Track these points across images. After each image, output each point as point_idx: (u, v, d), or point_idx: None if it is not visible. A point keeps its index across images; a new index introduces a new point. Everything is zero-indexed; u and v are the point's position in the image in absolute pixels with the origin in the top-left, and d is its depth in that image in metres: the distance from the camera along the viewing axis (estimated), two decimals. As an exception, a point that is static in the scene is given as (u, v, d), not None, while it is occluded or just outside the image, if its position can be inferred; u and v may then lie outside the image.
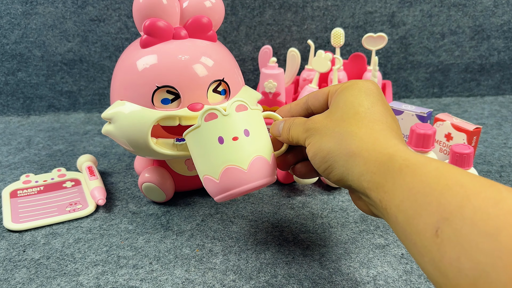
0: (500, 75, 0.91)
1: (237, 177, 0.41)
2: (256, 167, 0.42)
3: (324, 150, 0.35)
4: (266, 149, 0.43)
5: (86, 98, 0.87)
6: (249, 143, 0.42)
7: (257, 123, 0.43)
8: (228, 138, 0.41)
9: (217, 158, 0.42)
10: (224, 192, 0.42)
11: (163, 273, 0.45)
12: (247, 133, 0.42)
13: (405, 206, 0.27)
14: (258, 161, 0.42)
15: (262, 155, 0.42)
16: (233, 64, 0.53)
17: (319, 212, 0.55)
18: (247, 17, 0.84)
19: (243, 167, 0.41)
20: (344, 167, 0.33)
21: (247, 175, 0.41)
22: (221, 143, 0.41)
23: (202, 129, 0.42)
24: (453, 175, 0.26)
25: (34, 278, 0.45)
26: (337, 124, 0.35)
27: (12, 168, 0.67)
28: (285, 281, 0.44)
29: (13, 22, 0.80)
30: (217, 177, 0.42)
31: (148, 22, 0.48)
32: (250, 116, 0.43)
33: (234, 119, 0.42)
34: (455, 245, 0.23)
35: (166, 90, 0.48)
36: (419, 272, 0.45)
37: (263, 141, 0.43)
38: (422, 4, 0.84)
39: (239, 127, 0.42)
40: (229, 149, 0.41)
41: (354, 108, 0.35)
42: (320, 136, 0.36)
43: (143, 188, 0.55)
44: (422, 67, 0.90)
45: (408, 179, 0.28)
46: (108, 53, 0.84)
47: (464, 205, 0.24)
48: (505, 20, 0.86)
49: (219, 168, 0.41)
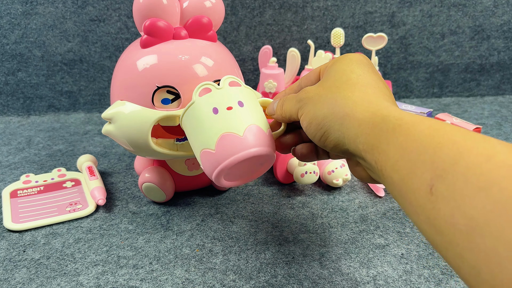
0: (500, 75, 0.91)
1: (234, 143, 0.40)
2: (252, 133, 0.40)
3: (319, 116, 0.35)
4: (261, 121, 0.42)
5: (86, 98, 0.87)
6: (243, 112, 0.41)
7: (251, 98, 0.43)
8: (222, 108, 0.41)
9: (212, 128, 0.41)
10: (222, 162, 0.40)
11: (163, 273, 0.45)
12: (241, 104, 0.42)
13: (400, 165, 0.28)
14: (254, 129, 0.41)
15: (257, 124, 0.41)
16: (233, 64, 0.53)
17: (319, 212, 0.55)
18: (247, 17, 0.84)
19: (239, 133, 0.40)
20: (340, 131, 0.33)
21: (243, 140, 0.40)
22: (216, 113, 0.41)
23: (197, 104, 0.42)
24: (446, 133, 0.26)
25: (34, 278, 0.45)
26: (330, 90, 0.35)
27: (12, 168, 0.67)
28: (285, 281, 0.44)
29: (13, 22, 0.80)
30: (213, 147, 0.40)
31: (148, 22, 0.48)
32: (243, 92, 0.43)
33: (227, 91, 0.42)
34: (449, 202, 0.23)
35: (166, 90, 0.48)
36: (419, 272, 0.45)
37: (258, 113, 0.42)
38: (422, 4, 0.84)
39: (233, 98, 0.42)
40: (224, 118, 0.41)
41: (346, 75, 0.35)
42: (313, 104, 0.36)
43: (143, 188, 0.55)
44: (422, 67, 0.90)
45: (402, 139, 0.28)
46: (108, 53, 0.84)
47: (457, 161, 0.24)
48: (505, 20, 0.86)
49: (214, 138, 0.40)
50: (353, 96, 0.33)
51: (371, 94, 0.33)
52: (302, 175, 0.56)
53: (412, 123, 0.28)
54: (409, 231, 0.51)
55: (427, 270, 0.45)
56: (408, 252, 0.47)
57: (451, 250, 0.23)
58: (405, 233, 0.51)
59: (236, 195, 0.59)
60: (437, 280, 0.44)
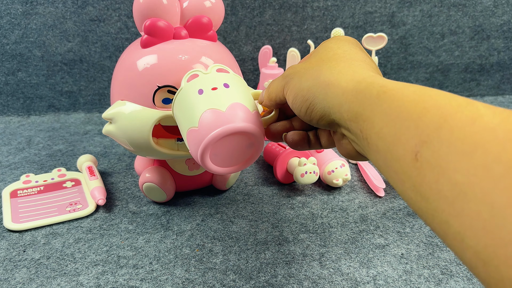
0: (500, 75, 0.91)
1: (216, 118, 0.39)
2: (235, 110, 0.39)
3: (304, 89, 0.34)
4: (247, 101, 0.41)
5: (86, 98, 0.87)
6: (228, 92, 0.41)
7: (238, 82, 0.43)
8: (207, 89, 0.41)
9: (196, 107, 0.40)
10: (205, 137, 0.39)
11: (163, 273, 0.45)
12: (226, 86, 0.42)
13: (384, 133, 0.27)
14: (238, 106, 0.40)
15: (242, 103, 0.40)
16: (233, 64, 0.53)
17: (319, 212, 0.55)
18: (247, 17, 0.84)
19: (221, 109, 0.39)
20: (325, 101, 0.33)
21: (225, 115, 0.39)
22: (201, 94, 0.41)
23: (184, 89, 0.43)
24: (430, 98, 0.26)
25: (34, 278, 0.45)
26: (316, 64, 0.35)
27: (12, 168, 0.67)
28: (285, 281, 0.44)
29: (13, 22, 0.80)
30: (196, 125, 0.40)
31: (148, 22, 0.48)
32: (231, 77, 0.43)
33: (214, 75, 0.43)
34: (434, 167, 0.23)
35: (167, 90, 0.48)
36: (419, 272, 0.45)
37: (245, 94, 0.42)
38: (422, 4, 0.84)
39: (219, 81, 0.42)
40: (208, 97, 0.41)
41: (333, 50, 0.36)
42: (298, 77, 0.36)
43: (144, 188, 0.55)
44: (422, 67, 0.90)
45: (386, 105, 0.28)
46: (108, 53, 0.84)
47: (441, 126, 0.24)
48: (505, 20, 0.86)
49: (198, 115, 0.40)
50: (338, 66, 0.33)
51: (356, 66, 0.33)
52: (302, 175, 0.56)
53: (397, 89, 0.28)
54: (409, 231, 0.51)
55: (427, 270, 0.45)
56: (408, 252, 0.47)
57: (436, 217, 0.23)
58: (405, 233, 0.51)
59: (236, 195, 0.59)
60: (437, 280, 0.44)
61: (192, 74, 0.43)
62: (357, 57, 0.35)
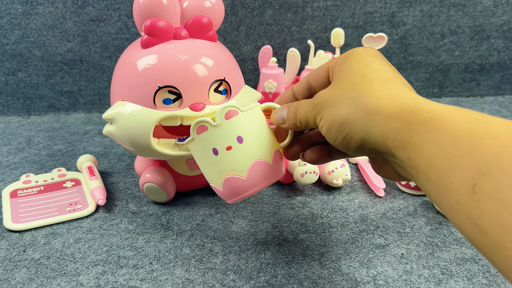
0: (500, 75, 0.91)
1: (238, 185, 0.41)
2: (255, 172, 0.41)
3: (339, 118, 0.32)
4: (265, 150, 0.41)
5: (86, 98, 0.87)
6: (244, 149, 0.40)
7: (252, 125, 0.41)
8: (221, 148, 0.40)
9: (215, 169, 0.41)
10: (230, 198, 0.42)
11: (163, 273, 0.45)
12: (240, 140, 0.40)
13: (436, 162, 0.26)
14: (257, 166, 0.41)
15: (261, 159, 0.41)
16: (234, 64, 0.54)
17: (319, 212, 0.55)
18: (247, 17, 0.84)
19: (242, 175, 0.41)
20: (364, 131, 0.31)
21: (247, 182, 0.41)
22: (216, 154, 0.41)
23: (196, 142, 0.42)
24: (485, 125, 0.24)
25: (34, 278, 0.45)
26: (346, 90, 0.33)
27: (12, 168, 0.67)
28: (285, 281, 0.44)
29: (13, 22, 0.80)
30: (220, 186, 0.42)
31: (148, 23, 0.48)
32: (243, 120, 0.41)
33: (224, 129, 0.40)
34: (495, 201, 0.22)
35: (167, 90, 0.48)
36: (419, 272, 0.45)
37: (261, 142, 0.41)
38: (422, 4, 0.84)
39: (231, 136, 0.40)
40: (224, 160, 0.41)
41: (360, 71, 0.33)
42: (330, 107, 0.33)
43: (145, 188, 0.55)
44: (422, 67, 0.90)
45: (435, 133, 0.26)
46: (108, 53, 0.84)
47: (501, 157, 0.23)
48: (505, 20, 0.86)
49: (219, 178, 0.42)
50: (373, 91, 0.31)
51: (391, 88, 0.31)
52: (302, 175, 0.56)
53: (447, 116, 0.27)
54: (409, 231, 0.51)
55: (427, 270, 0.45)
56: (408, 252, 0.48)
57: (498, 253, 0.22)
58: (405, 233, 0.51)
59: (236, 195, 0.59)
60: (437, 280, 0.44)
61: (200, 126, 0.41)
62: (388, 75, 0.33)
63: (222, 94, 0.51)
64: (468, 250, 0.48)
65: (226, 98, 0.51)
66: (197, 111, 0.48)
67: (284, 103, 0.42)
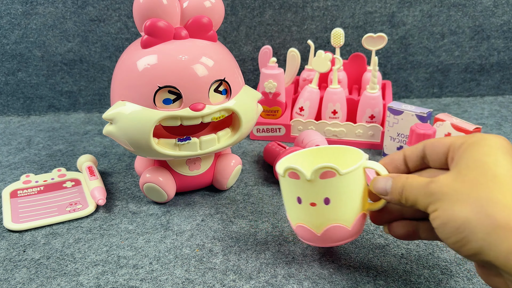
0: (500, 75, 0.91)
1: (310, 236, 0.42)
2: (330, 233, 0.41)
3: (458, 219, 0.29)
4: (349, 215, 0.40)
5: (86, 98, 0.87)
6: (327, 211, 0.40)
7: (345, 190, 0.39)
8: (305, 201, 0.40)
9: (294, 212, 0.43)
10: (300, 239, 0.44)
11: (163, 273, 0.45)
12: (327, 201, 0.39)
13: None
14: (334, 229, 0.41)
15: (341, 224, 0.40)
16: (234, 64, 0.54)
17: (319, 212, 0.55)
18: (247, 17, 0.84)
19: (316, 231, 0.41)
20: (485, 241, 0.28)
21: (319, 238, 0.42)
22: (299, 203, 0.41)
23: (284, 182, 0.42)
24: None
25: (34, 278, 0.45)
26: (472, 188, 0.30)
27: (12, 168, 0.67)
28: (285, 281, 0.44)
29: (13, 22, 0.80)
30: (293, 225, 0.44)
31: (149, 23, 0.48)
32: (337, 183, 0.39)
33: (315, 186, 0.39)
34: None
35: (168, 90, 0.48)
36: (419, 272, 0.45)
37: (348, 207, 0.40)
38: (422, 4, 0.84)
39: (319, 195, 0.39)
40: (304, 211, 0.41)
41: (491, 169, 0.30)
42: (450, 202, 0.31)
43: (145, 188, 0.55)
44: (422, 67, 0.90)
45: None
46: (108, 53, 0.84)
47: None
48: (505, 20, 0.86)
49: (294, 221, 0.43)
50: (504, 199, 0.28)
51: None
52: (302, 175, 0.56)
53: None
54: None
55: (427, 270, 0.45)
56: (408, 252, 0.48)
57: None
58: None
59: (236, 195, 0.59)
60: (437, 280, 0.44)
61: (292, 172, 0.40)
62: None
63: (222, 94, 0.51)
64: (468, 250, 0.48)
65: (226, 98, 0.51)
66: (197, 111, 0.48)
67: (393, 167, 0.39)
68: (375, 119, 0.71)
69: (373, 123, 0.71)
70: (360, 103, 0.71)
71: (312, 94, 0.72)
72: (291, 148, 0.59)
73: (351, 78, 0.80)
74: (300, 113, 0.73)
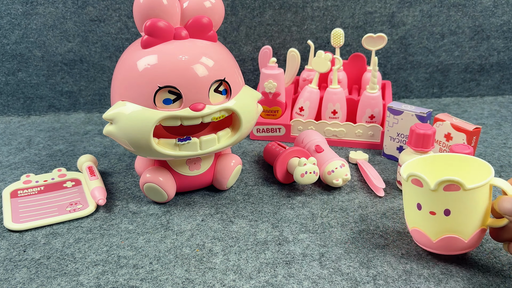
0: (500, 75, 0.91)
1: (424, 241, 0.44)
2: (445, 243, 0.42)
3: None
4: (468, 230, 0.41)
5: (86, 98, 0.87)
6: (446, 222, 0.41)
7: (468, 204, 0.40)
8: (426, 209, 0.42)
9: (412, 216, 0.44)
10: (419, 244, 0.46)
11: (163, 273, 0.45)
12: (447, 213, 0.40)
13: None
14: (450, 240, 0.42)
15: (458, 236, 0.42)
16: (234, 64, 0.54)
17: (319, 212, 0.55)
18: (247, 18, 0.84)
19: (432, 238, 0.43)
20: None
21: (433, 245, 0.43)
22: (419, 209, 0.42)
23: (406, 187, 0.43)
24: None
25: (34, 278, 0.45)
26: None
27: (12, 168, 0.67)
28: (285, 281, 0.44)
29: (14, 22, 0.80)
30: (410, 229, 0.46)
31: (149, 23, 0.48)
32: (461, 197, 0.39)
33: (437, 197, 0.40)
34: None
35: (168, 91, 0.48)
36: (418, 272, 0.45)
37: (467, 221, 0.41)
38: (422, 4, 0.84)
39: (440, 206, 0.40)
40: (423, 218, 0.42)
41: None
42: None
43: (145, 188, 0.55)
44: (421, 67, 0.90)
45: None
46: (109, 53, 0.84)
47: None
48: (504, 20, 0.86)
49: (411, 224, 0.45)
50: None
51: None
52: (302, 175, 0.56)
53: None
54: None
55: (427, 270, 0.45)
56: (408, 252, 0.48)
57: None
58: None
59: (236, 195, 0.59)
60: (437, 280, 0.44)
61: (415, 179, 0.41)
62: None
63: (222, 94, 0.51)
64: (468, 250, 0.48)
65: (226, 98, 0.51)
66: (197, 111, 0.48)
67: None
68: (375, 119, 0.71)
69: (373, 123, 0.71)
70: (360, 103, 0.71)
71: (312, 94, 0.72)
72: (291, 148, 0.59)
73: (351, 78, 0.80)
74: (300, 113, 0.73)
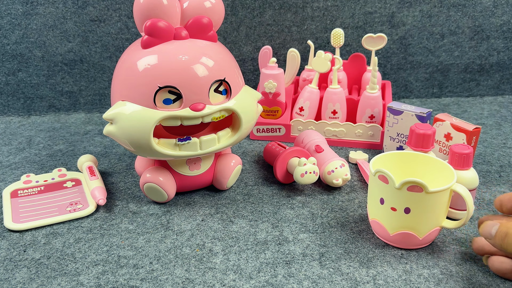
0: (500, 75, 0.91)
1: (381, 232, 0.47)
2: (400, 237, 0.46)
3: None
4: (424, 228, 0.44)
5: (86, 98, 0.87)
6: (404, 219, 0.44)
7: (427, 205, 0.43)
8: (387, 204, 0.44)
9: (373, 209, 0.47)
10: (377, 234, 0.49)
11: (163, 273, 0.45)
12: (407, 211, 0.43)
13: None
14: (406, 235, 0.45)
15: (414, 233, 0.45)
16: (234, 64, 0.54)
17: (319, 212, 0.55)
18: (247, 18, 0.84)
19: (389, 231, 0.46)
20: None
21: (390, 237, 0.47)
22: (381, 203, 0.45)
23: (373, 181, 0.46)
24: None
25: (34, 278, 0.45)
26: None
27: (12, 168, 0.67)
28: (285, 281, 0.44)
29: (14, 22, 0.80)
30: (370, 220, 0.49)
31: (149, 23, 0.48)
32: (422, 199, 0.42)
33: (400, 195, 0.43)
34: None
35: (168, 91, 0.48)
36: (418, 272, 0.45)
37: (425, 220, 0.44)
38: (421, 4, 0.85)
39: (402, 204, 0.44)
40: (384, 212, 0.45)
41: None
42: None
43: (145, 188, 0.55)
44: (421, 67, 0.90)
45: None
46: (109, 54, 0.84)
47: None
48: (504, 20, 0.86)
49: (372, 216, 0.48)
50: None
51: None
52: (302, 175, 0.56)
53: None
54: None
55: (427, 270, 0.45)
56: (408, 252, 0.48)
57: None
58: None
59: (236, 195, 0.59)
60: (436, 280, 0.44)
61: (382, 175, 0.44)
62: None
63: (222, 94, 0.51)
64: (468, 250, 0.48)
65: (226, 98, 0.51)
66: (197, 111, 0.48)
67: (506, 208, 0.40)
68: (374, 119, 0.71)
69: (372, 123, 0.71)
70: (360, 103, 0.71)
71: (312, 94, 0.72)
72: (291, 148, 0.59)
73: (351, 78, 0.80)
74: (300, 113, 0.73)
